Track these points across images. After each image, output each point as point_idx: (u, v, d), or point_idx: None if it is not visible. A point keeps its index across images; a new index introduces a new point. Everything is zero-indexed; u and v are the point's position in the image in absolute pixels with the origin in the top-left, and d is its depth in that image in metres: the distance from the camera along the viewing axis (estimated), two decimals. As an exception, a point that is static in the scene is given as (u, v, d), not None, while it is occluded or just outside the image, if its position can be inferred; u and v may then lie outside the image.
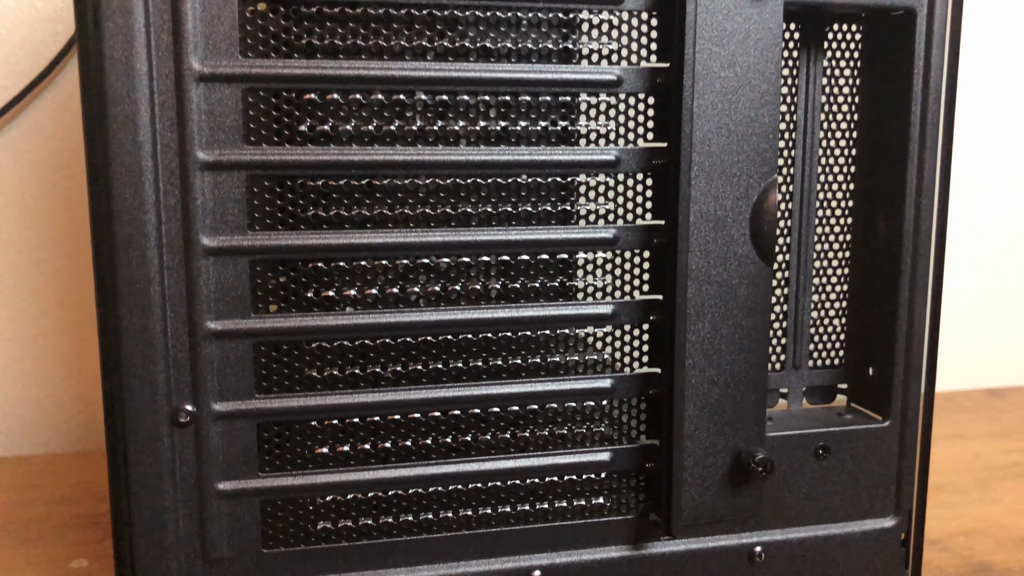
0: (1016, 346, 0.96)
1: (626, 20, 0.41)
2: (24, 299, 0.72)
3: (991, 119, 0.90)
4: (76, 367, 0.74)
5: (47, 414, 0.74)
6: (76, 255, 0.72)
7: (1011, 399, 0.91)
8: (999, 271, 0.94)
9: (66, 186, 0.72)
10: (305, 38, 0.37)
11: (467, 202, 0.40)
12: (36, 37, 0.72)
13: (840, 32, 0.46)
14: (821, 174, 0.47)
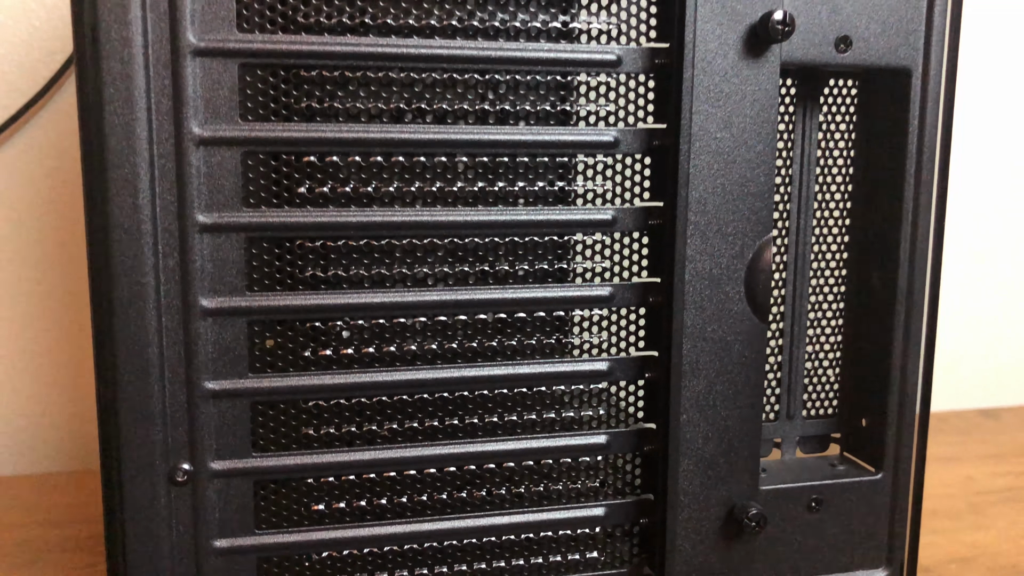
0: (1010, 366, 0.96)
1: (623, 82, 0.41)
2: (18, 317, 0.72)
3: (985, 140, 0.90)
4: (70, 385, 0.74)
5: (41, 433, 0.74)
6: (72, 274, 0.72)
7: (1005, 420, 0.91)
8: (993, 290, 0.94)
9: (62, 204, 0.72)
10: (304, 101, 0.38)
11: (464, 261, 0.40)
12: (34, 56, 0.72)
13: (836, 87, 0.46)
14: (816, 227, 0.47)
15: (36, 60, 0.71)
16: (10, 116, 0.69)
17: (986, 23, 0.88)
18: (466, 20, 0.38)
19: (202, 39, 0.36)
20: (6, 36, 0.70)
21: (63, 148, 0.72)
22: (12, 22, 0.70)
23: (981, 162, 0.91)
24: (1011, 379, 0.96)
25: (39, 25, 0.72)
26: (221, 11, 0.36)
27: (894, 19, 0.43)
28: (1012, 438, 0.84)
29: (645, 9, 0.40)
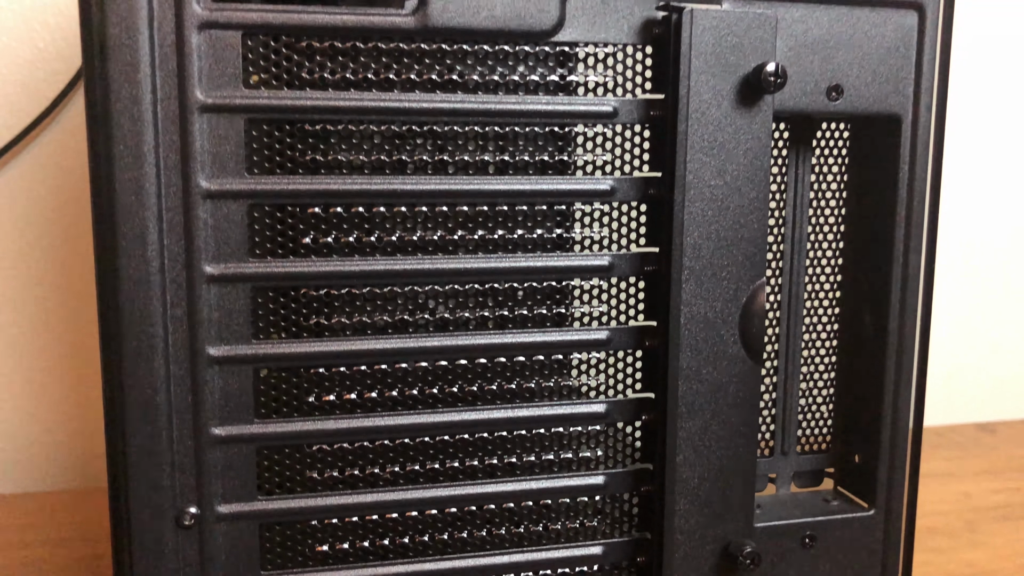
0: (1007, 380, 0.97)
1: (619, 132, 0.42)
2: (21, 335, 0.73)
3: (981, 153, 0.91)
4: (75, 402, 0.74)
5: (45, 450, 0.74)
6: (76, 291, 0.73)
7: (1001, 434, 0.91)
8: (989, 303, 0.95)
9: (67, 223, 0.73)
10: (309, 154, 0.39)
11: (466, 307, 0.41)
12: (38, 76, 0.73)
13: (828, 132, 0.47)
14: (809, 267, 0.48)
15: (40, 80, 0.72)
16: (14, 136, 0.70)
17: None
18: (466, 74, 0.39)
19: (209, 96, 0.37)
20: (10, 57, 0.71)
21: (66, 167, 0.73)
22: (16, 43, 0.71)
23: (977, 175, 0.91)
24: (1008, 393, 0.97)
25: (43, 46, 0.73)
26: (228, 68, 0.37)
27: (884, 68, 0.44)
28: (1008, 453, 0.84)
29: (640, 62, 0.41)
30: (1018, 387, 0.97)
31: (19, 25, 0.72)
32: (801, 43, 0.43)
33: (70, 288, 0.73)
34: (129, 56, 0.36)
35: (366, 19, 0.38)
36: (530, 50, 0.40)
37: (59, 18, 0.73)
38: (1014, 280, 0.95)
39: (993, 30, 0.90)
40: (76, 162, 0.73)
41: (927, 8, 0.44)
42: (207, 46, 0.37)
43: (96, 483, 0.75)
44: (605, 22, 0.40)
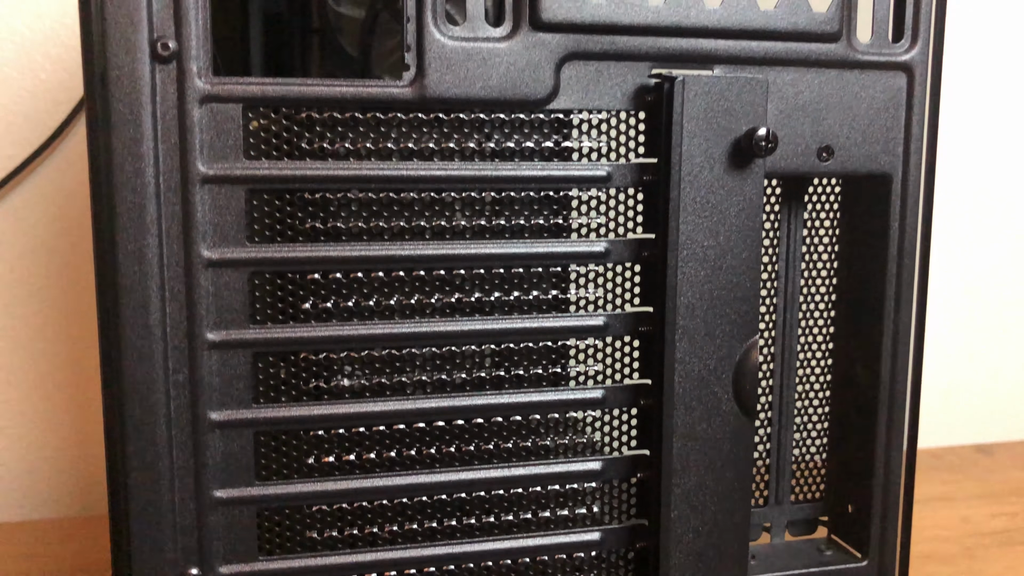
0: (1005, 400, 0.97)
1: (613, 196, 0.43)
2: (22, 362, 0.73)
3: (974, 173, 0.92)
4: (75, 430, 0.75)
5: (45, 477, 0.75)
6: (78, 318, 0.74)
7: (999, 456, 0.91)
8: (986, 324, 0.95)
9: (67, 251, 0.74)
10: (308, 222, 0.39)
11: (463, 368, 0.42)
12: (40, 107, 0.74)
13: (820, 187, 0.48)
14: (802, 319, 0.49)
15: (42, 111, 0.73)
16: (17, 165, 0.71)
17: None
18: (463, 142, 0.40)
19: (211, 167, 0.37)
20: (12, 88, 0.72)
21: (67, 196, 0.73)
22: (17, 74, 0.72)
23: (971, 196, 0.92)
24: (1006, 413, 0.97)
25: (45, 77, 0.73)
26: (229, 140, 0.38)
27: (874, 128, 0.44)
28: (1007, 476, 0.84)
29: (633, 127, 0.42)
30: (1016, 408, 0.97)
31: (21, 56, 0.73)
32: (792, 106, 0.43)
33: (72, 314, 0.74)
34: (132, 131, 0.36)
35: (364, 90, 0.39)
36: (525, 118, 0.41)
37: (60, 50, 0.74)
38: (1012, 300, 0.95)
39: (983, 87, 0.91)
40: (78, 191, 0.74)
41: (915, 69, 0.44)
42: (208, 119, 0.37)
43: (96, 511, 0.75)
44: (598, 90, 0.41)
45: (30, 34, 0.73)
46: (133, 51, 0.36)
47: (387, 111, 0.39)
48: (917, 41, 0.44)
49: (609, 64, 0.41)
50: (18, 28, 0.72)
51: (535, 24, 0.39)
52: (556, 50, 0.40)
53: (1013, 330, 0.96)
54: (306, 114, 0.39)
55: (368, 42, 0.81)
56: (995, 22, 0.90)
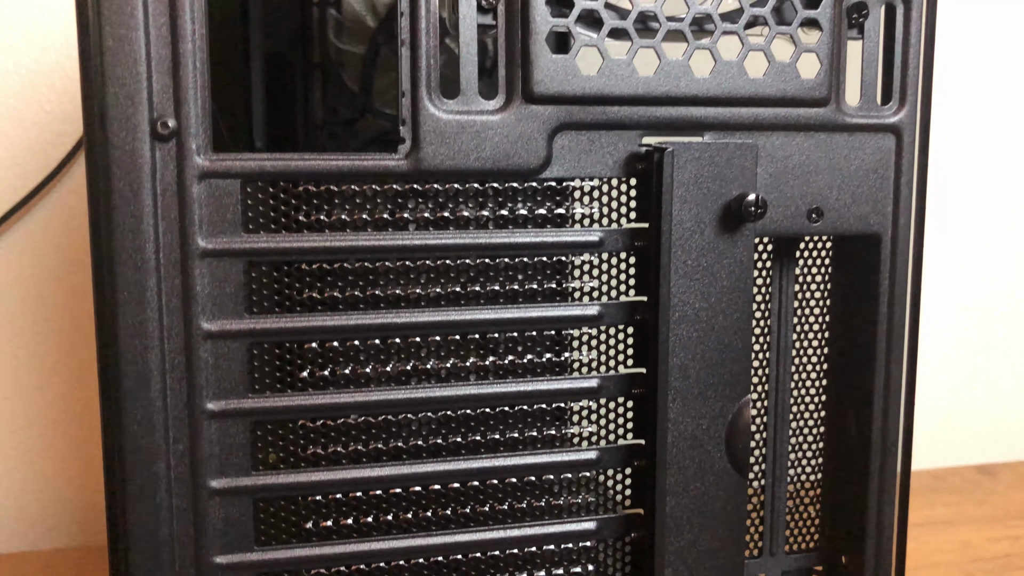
0: (1006, 420, 0.97)
1: (606, 260, 0.43)
2: (24, 391, 0.74)
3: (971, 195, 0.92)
4: (77, 458, 0.76)
5: (47, 506, 0.76)
6: (80, 349, 0.75)
7: (1001, 477, 0.91)
8: (986, 344, 0.95)
9: (71, 281, 0.75)
10: (306, 292, 0.40)
11: (458, 432, 0.42)
12: (44, 138, 0.74)
13: (811, 245, 0.49)
14: (795, 373, 0.50)
15: (47, 142, 0.74)
16: (21, 198, 0.72)
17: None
18: (458, 211, 0.41)
19: (210, 242, 0.38)
20: (17, 119, 0.73)
21: (72, 228, 0.74)
22: (23, 105, 0.73)
23: (969, 216, 0.93)
24: (1008, 433, 0.97)
25: (49, 108, 0.74)
26: (228, 215, 0.38)
27: (863, 189, 0.45)
28: (1008, 498, 0.84)
29: (625, 193, 0.43)
30: (1018, 427, 0.97)
31: (26, 88, 0.74)
32: (782, 169, 0.44)
33: (74, 345, 0.75)
34: (133, 208, 0.37)
35: (360, 164, 0.39)
36: (519, 186, 0.42)
37: (65, 81, 0.75)
38: (1013, 319, 0.95)
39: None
40: (82, 223, 0.75)
41: (904, 131, 0.45)
42: (207, 194, 0.38)
43: (96, 541, 0.75)
44: (590, 158, 0.42)
45: (35, 66, 0.74)
46: (133, 130, 0.37)
47: (383, 183, 0.40)
48: (905, 103, 0.45)
49: (601, 133, 0.41)
50: (23, 60, 0.73)
51: (528, 97, 0.40)
52: (549, 121, 0.41)
53: (1014, 349, 0.96)
54: (303, 187, 0.39)
55: (370, 76, 0.82)
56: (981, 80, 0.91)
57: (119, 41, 0.36)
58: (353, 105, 0.61)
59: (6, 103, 0.73)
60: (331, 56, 0.50)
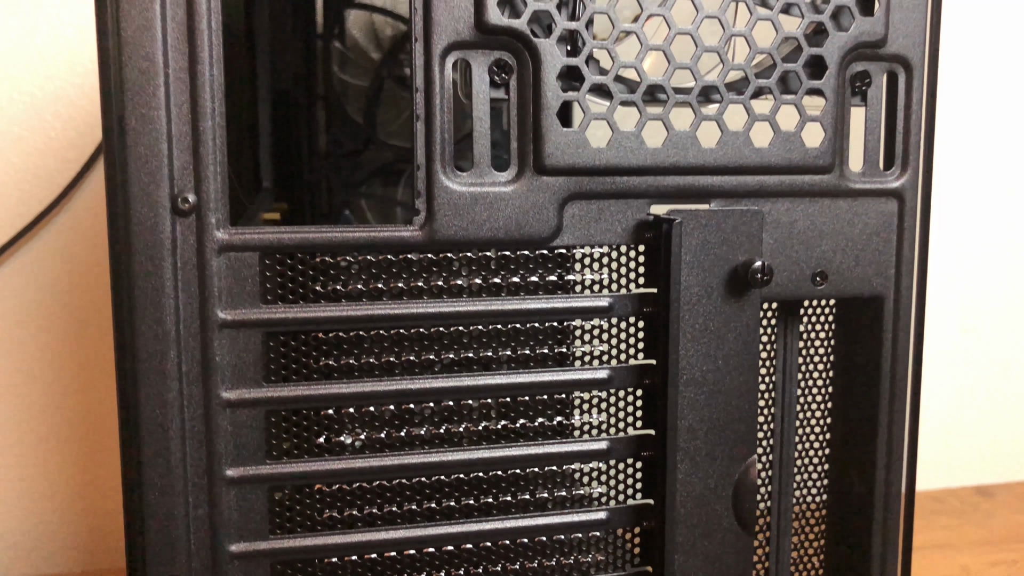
0: (1004, 441, 0.98)
1: (615, 324, 0.44)
2: (29, 417, 0.75)
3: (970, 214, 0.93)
4: (83, 482, 0.76)
5: (52, 531, 0.76)
6: (86, 373, 0.76)
7: (1000, 499, 0.92)
8: (984, 364, 0.96)
9: (77, 306, 0.76)
10: (322, 360, 0.41)
11: (470, 495, 0.43)
12: (49, 165, 0.75)
13: (815, 306, 0.50)
14: (799, 428, 0.50)
15: (52, 169, 0.75)
16: (27, 223, 0.73)
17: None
18: (471, 279, 0.42)
19: (229, 313, 0.39)
20: (23, 147, 0.74)
21: (77, 253, 0.75)
22: (28, 134, 0.74)
23: (968, 235, 0.94)
24: (1006, 454, 0.98)
25: (55, 136, 0.75)
26: (246, 287, 0.39)
27: (867, 253, 0.46)
28: (1007, 520, 0.85)
29: (634, 259, 0.44)
30: (1016, 448, 0.98)
31: (31, 116, 0.75)
32: (787, 234, 0.45)
33: (80, 369, 0.76)
34: (154, 282, 0.38)
35: (376, 235, 0.40)
36: (530, 254, 0.42)
37: (70, 109, 0.76)
38: (1011, 341, 0.96)
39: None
40: (86, 248, 0.76)
41: (906, 195, 0.46)
42: (226, 267, 0.39)
43: (102, 565, 0.76)
44: (600, 226, 0.43)
45: (40, 94, 0.75)
46: (155, 207, 0.38)
47: (398, 253, 0.41)
48: (907, 168, 0.46)
49: (610, 202, 0.42)
50: (28, 88, 0.74)
51: (539, 169, 0.41)
52: (559, 192, 0.41)
53: (1012, 370, 0.97)
54: (320, 258, 0.40)
55: (373, 109, 0.83)
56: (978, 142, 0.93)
57: (141, 120, 0.37)
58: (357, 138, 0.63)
59: (11, 131, 0.74)
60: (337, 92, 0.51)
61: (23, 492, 0.75)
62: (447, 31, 0.39)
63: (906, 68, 0.45)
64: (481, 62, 0.40)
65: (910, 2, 0.44)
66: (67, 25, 0.74)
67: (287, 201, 0.76)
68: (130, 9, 0.37)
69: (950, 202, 0.92)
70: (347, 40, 0.80)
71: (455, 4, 0.39)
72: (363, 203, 0.82)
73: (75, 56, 0.75)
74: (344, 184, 0.80)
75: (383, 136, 0.81)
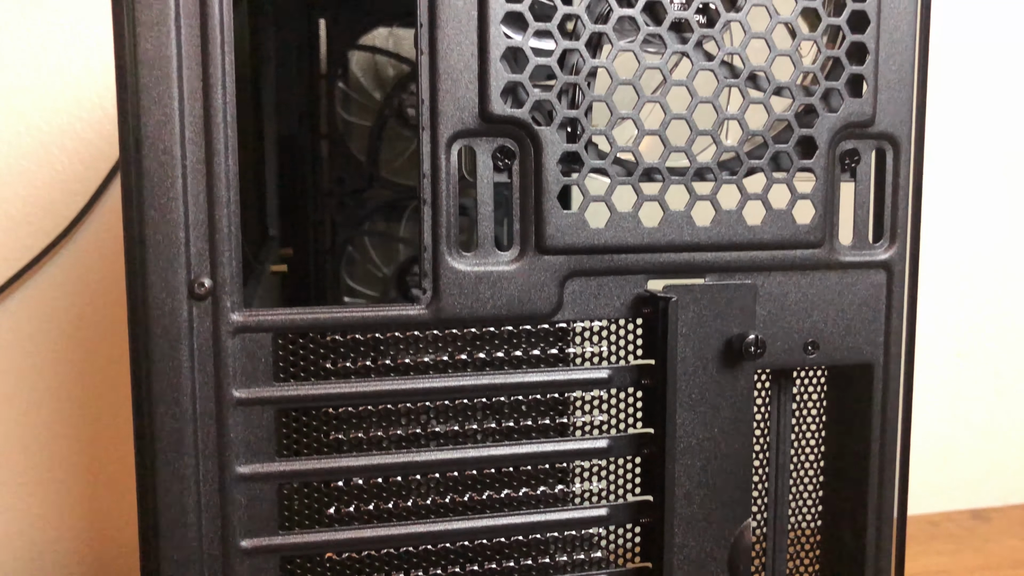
0: (999, 464, 0.99)
1: (614, 395, 0.46)
2: (37, 446, 0.77)
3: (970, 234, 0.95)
4: (86, 515, 0.78)
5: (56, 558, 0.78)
6: (92, 404, 0.78)
7: (996, 523, 0.92)
8: (980, 389, 0.98)
9: (84, 336, 0.77)
10: (332, 435, 0.42)
11: (475, 562, 0.45)
12: (56, 198, 0.77)
13: (807, 372, 0.51)
14: (792, 486, 0.52)
15: (58, 203, 0.76)
16: (34, 256, 0.75)
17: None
18: (475, 354, 0.43)
19: (243, 391, 0.41)
20: (30, 180, 0.76)
21: (83, 285, 0.77)
22: (35, 167, 0.76)
23: (964, 261, 0.96)
24: (1001, 477, 0.99)
25: (61, 169, 0.77)
26: (260, 366, 0.41)
27: (857, 322, 0.48)
28: (1004, 545, 0.85)
29: (632, 331, 0.45)
30: (1011, 471, 1.00)
31: (38, 150, 0.77)
32: (780, 306, 0.47)
33: (86, 399, 0.77)
34: (172, 363, 0.40)
35: (384, 314, 0.42)
36: (532, 329, 0.44)
37: (76, 143, 0.78)
38: (1006, 366, 0.98)
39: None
40: (93, 279, 0.77)
41: (894, 267, 0.48)
42: (241, 348, 0.41)
43: None
44: (599, 301, 0.44)
45: (47, 128, 0.77)
46: (172, 292, 0.39)
47: (405, 331, 0.42)
48: (895, 241, 0.47)
49: (608, 278, 0.44)
50: (35, 122, 0.75)
51: (540, 248, 0.43)
52: (560, 270, 0.43)
53: (1006, 394, 0.98)
54: (330, 337, 0.42)
55: (376, 148, 0.85)
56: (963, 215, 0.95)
57: (160, 210, 0.39)
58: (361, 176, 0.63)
59: (18, 164, 0.76)
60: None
61: (27, 524, 0.76)
62: (453, 120, 0.41)
63: (894, 145, 0.47)
64: (485, 149, 0.42)
65: (897, 83, 0.46)
66: (73, 61, 0.75)
67: (293, 244, 0.78)
68: (150, 105, 0.38)
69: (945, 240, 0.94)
70: (350, 80, 0.82)
71: (460, 95, 0.41)
72: (366, 240, 0.83)
73: (81, 91, 0.77)
74: (348, 222, 0.81)
75: (387, 174, 0.82)
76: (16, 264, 0.75)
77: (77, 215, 0.76)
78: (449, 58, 0.41)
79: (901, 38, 0.46)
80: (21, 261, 0.75)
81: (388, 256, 0.83)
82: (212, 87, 0.39)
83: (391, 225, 0.83)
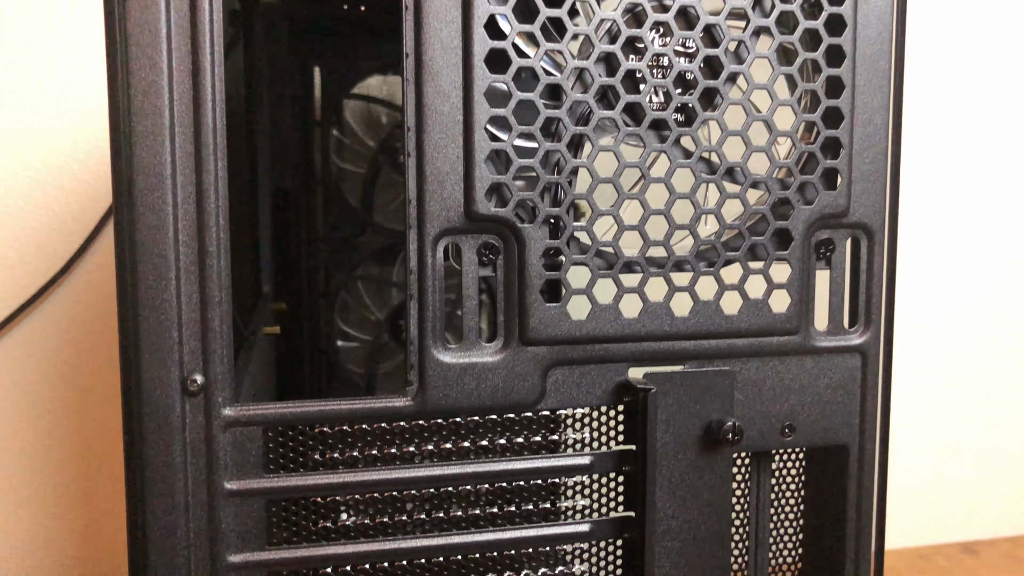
0: (989, 497, 1.00)
1: (596, 479, 0.47)
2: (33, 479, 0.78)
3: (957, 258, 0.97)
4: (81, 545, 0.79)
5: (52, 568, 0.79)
6: (86, 439, 0.79)
7: (985, 557, 0.93)
8: (970, 421, 0.99)
9: (76, 375, 0.78)
10: (320, 523, 0.44)
11: (460, 643, 0.46)
12: (52, 238, 0.78)
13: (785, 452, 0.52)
14: (772, 559, 0.53)
15: (55, 242, 0.77)
16: (31, 295, 0.76)
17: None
18: (459, 443, 0.45)
19: (233, 483, 0.42)
20: (27, 221, 0.77)
21: (78, 325, 0.78)
22: (32, 207, 0.77)
23: (952, 290, 0.97)
24: (991, 509, 1.00)
25: (58, 209, 0.78)
26: (250, 458, 0.42)
27: (832, 405, 0.49)
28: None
29: (613, 418, 0.47)
30: (1000, 503, 1.01)
31: (35, 190, 0.78)
32: (757, 391, 0.48)
33: (81, 435, 0.78)
34: (164, 457, 0.41)
35: (371, 407, 0.43)
36: (516, 418, 0.45)
37: (73, 183, 0.79)
38: (994, 398, 0.99)
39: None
40: (89, 319, 0.78)
41: (869, 351, 0.49)
42: (232, 441, 0.42)
43: None
44: (581, 390, 0.45)
45: (44, 168, 0.78)
46: (166, 388, 0.41)
47: (391, 422, 0.44)
48: (870, 326, 0.49)
49: (590, 367, 0.45)
50: (33, 163, 0.77)
51: (524, 340, 0.44)
52: (543, 361, 0.44)
53: (996, 426, 0.99)
54: (319, 429, 0.43)
55: (369, 194, 0.86)
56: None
57: (154, 311, 0.40)
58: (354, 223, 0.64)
59: (15, 204, 0.77)
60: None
61: (25, 556, 0.77)
62: (439, 220, 0.42)
63: (868, 234, 0.48)
64: (470, 245, 0.43)
65: (871, 174, 0.48)
66: (71, 102, 0.77)
67: (285, 297, 0.79)
68: (145, 212, 0.40)
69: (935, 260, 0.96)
70: (344, 128, 0.83)
71: (447, 195, 0.42)
72: (360, 285, 0.85)
73: (79, 132, 0.78)
74: (342, 267, 0.83)
75: (380, 219, 0.84)
76: (13, 304, 0.76)
77: (73, 255, 0.77)
78: (435, 161, 0.42)
79: (875, 131, 0.47)
80: (18, 300, 0.76)
81: (381, 300, 0.84)
82: (205, 192, 0.40)
83: (384, 270, 0.84)
